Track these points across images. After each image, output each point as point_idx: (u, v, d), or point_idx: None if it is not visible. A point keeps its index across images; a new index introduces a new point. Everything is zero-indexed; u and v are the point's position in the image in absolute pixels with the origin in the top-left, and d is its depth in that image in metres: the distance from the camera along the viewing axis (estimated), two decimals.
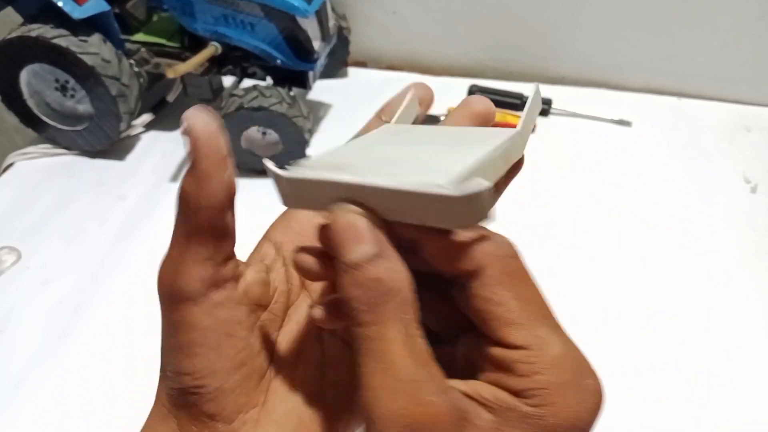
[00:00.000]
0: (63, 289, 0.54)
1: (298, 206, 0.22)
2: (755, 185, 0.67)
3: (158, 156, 0.69)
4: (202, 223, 0.22)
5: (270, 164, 0.22)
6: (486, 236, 0.20)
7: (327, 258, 0.21)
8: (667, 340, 0.51)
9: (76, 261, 0.57)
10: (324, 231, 0.20)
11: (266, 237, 0.26)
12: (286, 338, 0.24)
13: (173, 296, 0.21)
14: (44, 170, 0.66)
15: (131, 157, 0.69)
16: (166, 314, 0.21)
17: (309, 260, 0.21)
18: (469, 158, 0.20)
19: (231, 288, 0.22)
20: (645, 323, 0.52)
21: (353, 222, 0.19)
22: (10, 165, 0.67)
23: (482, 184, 0.17)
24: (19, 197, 0.63)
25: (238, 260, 0.23)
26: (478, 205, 0.17)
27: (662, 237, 0.61)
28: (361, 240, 0.18)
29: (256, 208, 0.63)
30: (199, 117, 0.21)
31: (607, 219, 0.62)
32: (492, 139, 0.23)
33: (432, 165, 0.20)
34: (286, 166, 0.22)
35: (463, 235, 0.19)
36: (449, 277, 0.20)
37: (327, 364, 0.24)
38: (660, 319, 0.52)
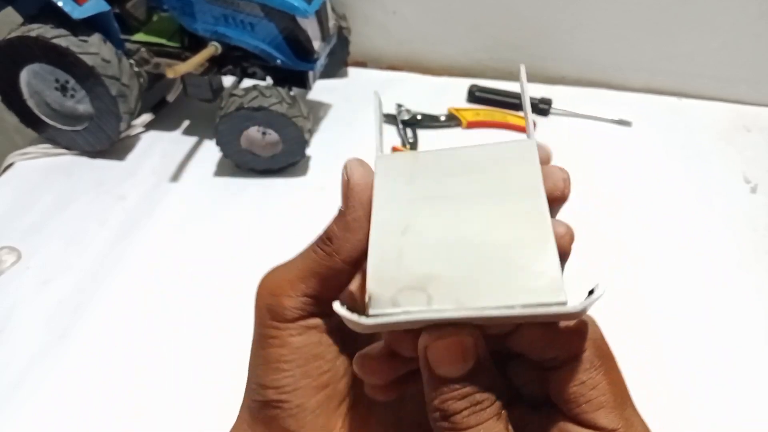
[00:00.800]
0: (63, 289, 0.54)
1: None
2: (755, 185, 0.67)
3: (158, 156, 0.69)
4: (334, 266, 0.22)
5: (346, 313, 0.19)
6: (585, 322, 0.20)
7: (395, 359, 0.21)
8: (666, 341, 0.51)
9: (76, 261, 0.57)
10: (423, 347, 0.19)
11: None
12: None
13: (272, 311, 0.21)
14: (44, 170, 0.66)
15: (131, 157, 0.69)
16: (260, 327, 0.22)
17: (374, 367, 0.21)
18: (544, 240, 0.19)
19: (327, 319, 0.22)
20: (644, 323, 0.52)
21: (458, 342, 0.18)
22: (10, 165, 0.67)
23: (601, 290, 0.18)
24: (19, 197, 0.63)
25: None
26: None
27: (662, 237, 0.61)
28: (466, 359, 0.18)
29: (255, 207, 0.63)
30: (358, 167, 0.21)
31: (606, 219, 0.62)
32: (529, 180, 0.22)
33: (514, 259, 0.19)
34: (369, 310, 0.19)
35: (565, 324, 0.20)
36: (536, 360, 0.20)
37: (406, 403, 0.24)
38: (659, 319, 0.52)
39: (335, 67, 0.81)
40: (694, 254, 0.59)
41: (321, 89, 0.78)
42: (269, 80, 0.66)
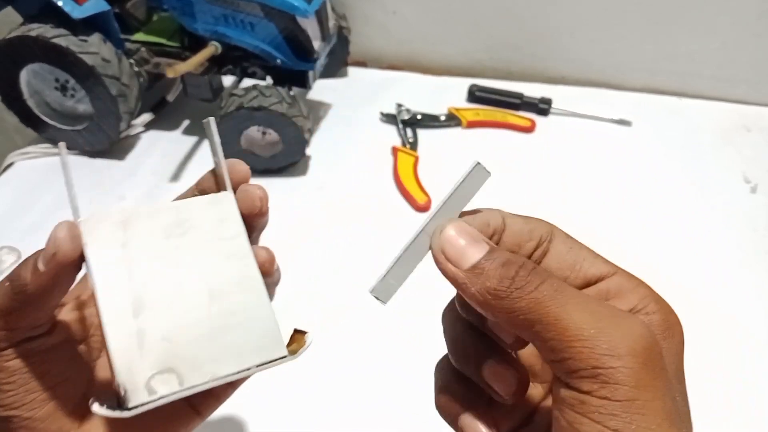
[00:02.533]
0: None
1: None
2: (755, 185, 0.67)
3: (158, 156, 0.69)
4: (23, 306, 0.23)
5: (107, 412, 0.21)
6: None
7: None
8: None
9: None
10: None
11: (84, 275, 0.26)
12: (101, 366, 0.27)
13: None
14: (44, 170, 0.66)
15: (131, 157, 0.69)
16: None
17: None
18: (259, 302, 0.24)
19: (43, 339, 0.24)
20: None
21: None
22: (10, 165, 0.67)
23: (309, 339, 0.25)
24: (19, 197, 0.63)
25: (54, 312, 0.25)
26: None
27: (662, 237, 0.61)
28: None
29: None
30: (67, 240, 0.22)
31: (606, 219, 0.62)
32: (236, 240, 0.25)
33: (241, 323, 0.23)
34: (128, 403, 0.20)
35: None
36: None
37: None
38: None
39: (335, 67, 0.81)
40: (694, 254, 0.59)
41: (321, 89, 0.78)
42: (269, 80, 0.66)
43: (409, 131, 0.73)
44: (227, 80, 0.76)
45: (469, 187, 0.23)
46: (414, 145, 0.71)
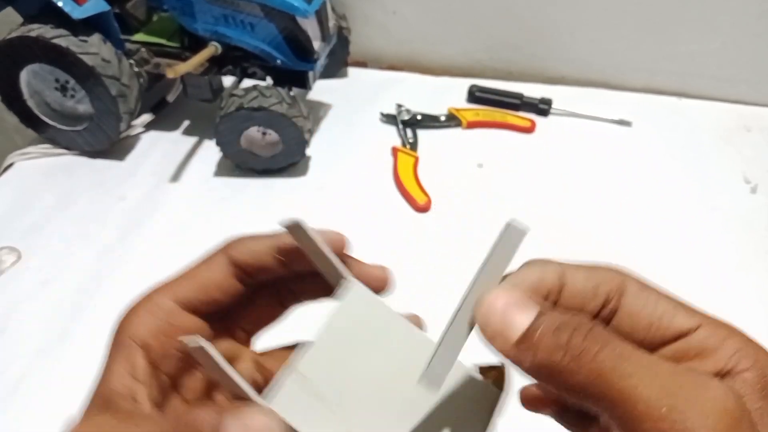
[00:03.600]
0: (63, 289, 0.54)
1: None
2: (755, 185, 0.67)
3: (158, 156, 0.68)
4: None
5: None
6: None
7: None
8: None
9: (76, 261, 0.57)
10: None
11: (124, 339, 0.23)
12: None
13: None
14: (44, 170, 0.66)
15: (131, 157, 0.68)
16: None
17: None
18: None
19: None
20: None
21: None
22: (10, 165, 0.67)
23: None
24: (19, 197, 0.63)
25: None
26: None
27: (662, 237, 0.61)
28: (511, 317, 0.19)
29: (255, 207, 0.63)
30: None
31: (606, 219, 0.62)
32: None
33: None
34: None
35: None
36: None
37: None
38: None
39: (335, 67, 0.81)
40: (694, 254, 0.59)
41: (321, 89, 0.78)
42: (269, 80, 0.66)
43: (409, 131, 0.73)
44: (227, 80, 0.76)
45: (506, 248, 0.20)
46: (414, 146, 0.71)
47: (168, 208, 0.62)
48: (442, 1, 0.80)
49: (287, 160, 0.65)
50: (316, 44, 0.64)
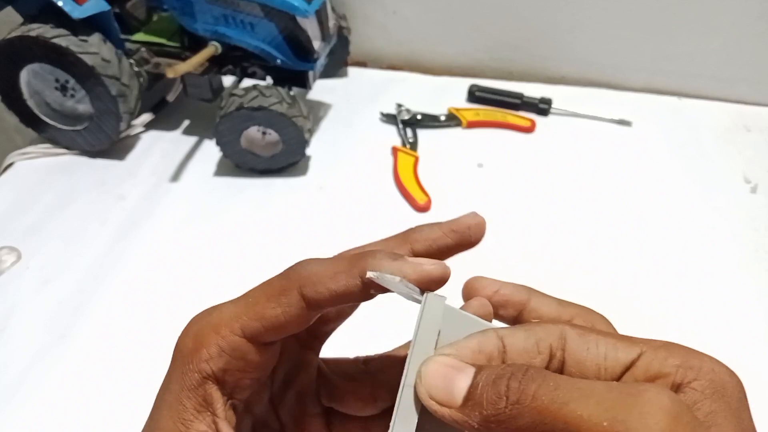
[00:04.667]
0: (63, 289, 0.54)
1: None
2: (755, 185, 0.67)
3: (158, 156, 0.68)
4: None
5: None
6: None
7: None
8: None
9: (76, 261, 0.57)
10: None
11: (192, 374, 0.22)
12: None
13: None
14: (44, 170, 0.66)
15: (131, 157, 0.69)
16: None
17: None
18: None
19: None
20: (645, 323, 0.52)
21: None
22: (10, 165, 0.67)
23: None
24: (19, 197, 0.63)
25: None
26: None
27: (662, 237, 0.61)
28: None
29: (255, 207, 0.63)
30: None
31: (606, 219, 0.62)
32: None
33: None
34: None
35: None
36: None
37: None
38: (659, 319, 0.52)
39: (335, 67, 0.81)
40: (694, 254, 0.59)
41: (321, 89, 0.78)
42: (269, 80, 0.66)
43: (409, 131, 0.73)
44: (227, 80, 0.76)
45: (431, 319, 0.20)
46: (414, 145, 0.71)
47: (168, 208, 0.62)
48: (442, 1, 0.80)
49: (287, 160, 0.65)
50: (316, 44, 0.64)
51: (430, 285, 0.21)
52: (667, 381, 0.19)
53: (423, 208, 0.62)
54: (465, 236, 0.22)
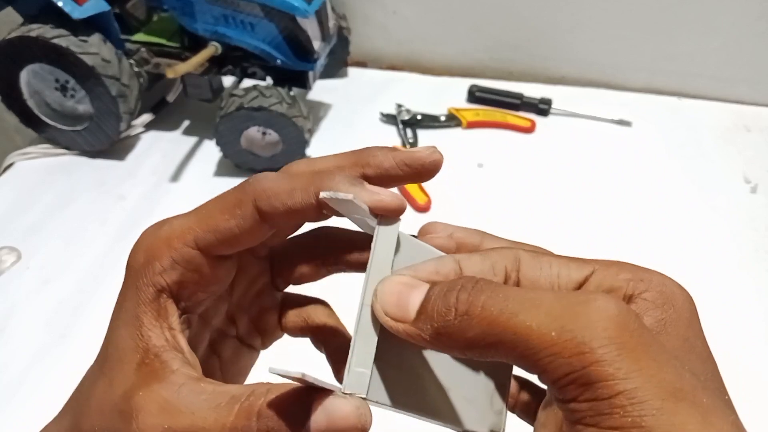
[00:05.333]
0: (63, 289, 0.54)
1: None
2: (755, 185, 0.67)
3: (158, 156, 0.69)
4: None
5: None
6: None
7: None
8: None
9: (76, 261, 0.57)
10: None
11: (147, 288, 0.22)
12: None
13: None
14: (44, 170, 0.66)
15: (131, 157, 0.69)
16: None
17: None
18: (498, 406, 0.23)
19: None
20: None
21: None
22: (10, 165, 0.67)
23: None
24: (19, 197, 0.63)
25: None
26: None
27: (662, 237, 0.61)
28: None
29: None
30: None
31: (606, 219, 0.62)
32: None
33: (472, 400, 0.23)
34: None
35: None
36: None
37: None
38: None
39: (335, 67, 0.81)
40: (694, 254, 0.59)
41: (321, 89, 0.78)
42: (269, 80, 0.66)
43: (409, 131, 0.73)
44: (227, 80, 0.76)
45: (386, 243, 0.20)
46: (414, 146, 0.71)
47: (168, 208, 0.62)
48: (442, 1, 0.80)
49: (287, 160, 0.65)
50: (316, 44, 0.64)
51: (385, 214, 0.20)
52: (619, 294, 0.20)
53: (423, 209, 0.62)
54: (417, 172, 0.22)
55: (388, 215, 0.20)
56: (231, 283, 0.24)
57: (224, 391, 0.19)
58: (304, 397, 0.18)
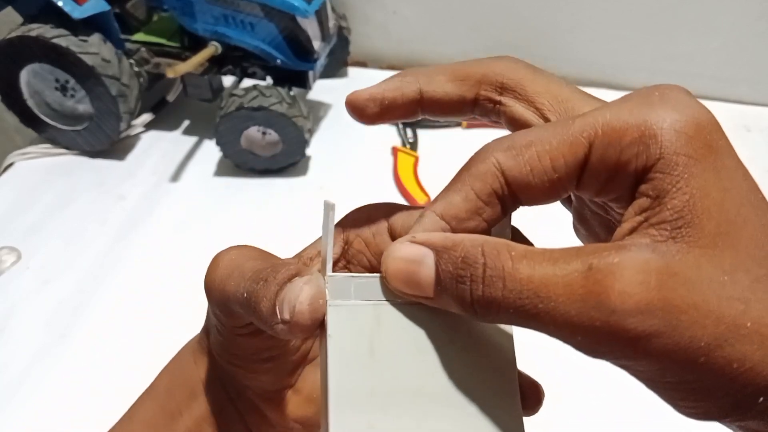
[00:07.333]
0: (63, 289, 0.54)
1: None
2: None
3: (158, 156, 0.69)
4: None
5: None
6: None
7: None
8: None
9: (76, 261, 0.57)
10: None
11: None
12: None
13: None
14: (44, 170, 0.66)
15: (131, 157, 0.69)
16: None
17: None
18: None
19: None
20: None
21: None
22: (10, 165, 0.67)
23: None
24: (19, 197, 0.63)
25: None
26: None
27: None
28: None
29: (255, 207, 0.63)
30: (309, 299, 0.19)
31: None
32: (505, 378, 0.20)
33: None
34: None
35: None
36: None
37: None
38: None
39: (335, 67, 0.81)
40: None
41: (321, 89, 0.78)
42: (269, 80, 0.66)
43: (409, 131, 0.73)
44: (227, 80, 0.76)
45: (328, 222, 0.20)
46: (414, 146, 0.71)
47: (168, 208, 0.62)
48: (442, 1, 0.80)
49: (287, 160, 0.65)
50: (316, 44, 0.64)
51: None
52: (629, 169, 0.18)
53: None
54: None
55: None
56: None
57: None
58: None
